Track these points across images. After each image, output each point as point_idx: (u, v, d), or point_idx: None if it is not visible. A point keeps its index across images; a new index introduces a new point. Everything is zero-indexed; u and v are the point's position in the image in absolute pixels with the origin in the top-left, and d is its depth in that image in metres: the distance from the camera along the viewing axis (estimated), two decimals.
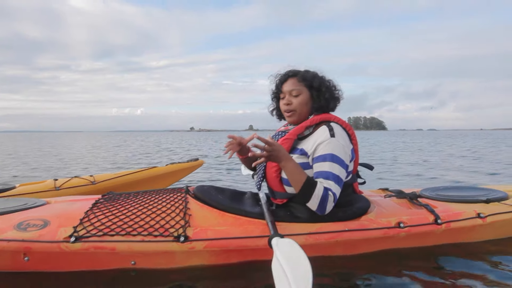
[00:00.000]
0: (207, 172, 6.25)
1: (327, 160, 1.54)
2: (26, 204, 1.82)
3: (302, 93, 1.66)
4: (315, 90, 1.67)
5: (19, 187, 2.76)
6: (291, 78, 1.70)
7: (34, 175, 6.10)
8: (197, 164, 3.44)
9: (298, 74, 1.70)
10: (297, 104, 1.66)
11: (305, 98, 1.67)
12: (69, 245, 1.51)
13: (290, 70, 1.73)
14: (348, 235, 1.65)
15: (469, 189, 2.22)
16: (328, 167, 1.54)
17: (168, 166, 3.29)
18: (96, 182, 2.90)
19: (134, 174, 3.09)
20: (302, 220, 1.66)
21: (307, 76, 1.68)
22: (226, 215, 1.68)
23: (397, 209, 1.86)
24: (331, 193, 1.50)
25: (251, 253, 1.61)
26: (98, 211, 1.68)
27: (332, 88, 1.72)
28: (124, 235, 1.55)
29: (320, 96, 1.67)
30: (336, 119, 1.67)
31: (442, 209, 1.85)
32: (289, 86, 1.68)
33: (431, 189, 2.19)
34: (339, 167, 1.54)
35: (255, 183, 1.78)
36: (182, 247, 1.55)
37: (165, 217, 1.64)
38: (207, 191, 1.83)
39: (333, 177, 1.53)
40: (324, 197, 1.49)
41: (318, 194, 1.49)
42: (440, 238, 1.79)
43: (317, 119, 1.66)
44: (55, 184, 2.77)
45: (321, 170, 1.55)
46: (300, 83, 1.67)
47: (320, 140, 1.58)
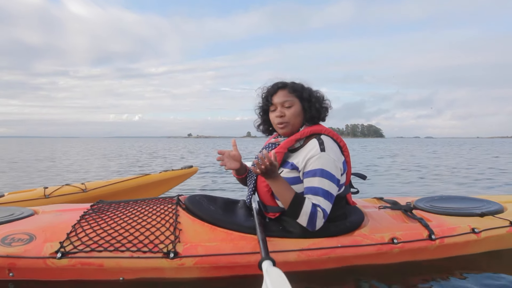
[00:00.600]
0: (202, 179, 6.21)
1: (316, 175, 1.52)
2: (12, 215, 1.77)
3: (294, 105, 1.64)
4: (306, 101, 1.66)
5: (7, 195, 2.71)
6: (281, 89, 1.67)
7: (26, 181, 6.02)
8: (192, 172, 3.39)
9: (287, 85, 1.67)
10: (290, 115, 1.64)
11: (297, 109, 1.65)
12: (55, 261, 1.48)
13: (279, 82, 1.70)
14: (341, 251, 1.63)
15: (464, 200, 2.20)
16: (318, 182, 1.51)
17: (162, 174, 3.24)
18: (87, 190, 2.85)
19: (126, 182, 3.04)
20: (294, 235, 1.63)
21: (297, 87, 1.67)
22: (217, 229, 1.64)
23: (391, 223, 1.84)
24: (320, 209, 1.48)
25: (242, 269, 1.58)
26: (86, 225, 1.63)
27: (321, 98, 1.71)
28: (112, 251, 1.51)
29: (311, 106, 1.66)
30: (326, 131, 1.65)
31: (437, 223, 1.82)
32: (281, 98, 1.65)
33: (426, 200, 2.17)
34: (329, 182, 1.52)
35: (246, 196, 1.76)
36: (172, 264, 1.51)
37: (154, 232, 1.60)
38: (199, 202, 1.79)
39: (323, 192, 1.50)
40: (313, 213, 1.47)
41: (307, 211, 1.47)
42: (433, 253, 1.77)
43: (308, 131, 1.64)
44: (45, 192, 2.72)
45: (310, 185, 1.53)
46: (291, 94, 1.65)
47: (311, 155, 1.56)
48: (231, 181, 5.62)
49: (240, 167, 1.73)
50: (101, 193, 2.89)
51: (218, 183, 5.74)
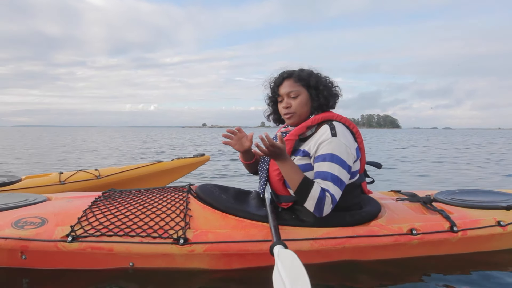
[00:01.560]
0: (214, 168, 6.21)
1: (326, 160, 1.48)
2: (26, 200, 1.78)
3: (300, 94, 1.60)
4: (313, 89, 1.61)
5: (24, 179, 2.76)
6: (287, 79, 1.63)
7: (46, 166, 6.18)
8: (204, 160, 3.37)
9: (293, 74, 1.63)
10: (297, 105, 1.60)
11: (304, 99, 1.60)
12: (66, 244, 1.47)
13: (284, 71, 1.66)
14: (356, 241, 1.56)
15: (487, 193, 2.08)
16: (327, 167, 1.47)
17: (174, 161, 3.23)
18: (101, 177, 2.87)
19: (139, 169, 3.05)
20: (307, 224, 1.58)
21: (303, 76, 1.62)
22: (229, 217, 1.61)
23: (409, 214, 1.76)
24: (328, 194, 1.43)
25: (253, 258, 1.54)
26: (97, 210, 1.63)
27: (330, 85, 1.65)
28: (122, 236, 1.50)
29: (319, 94, 1.61)
30: (338, 117, 1.60)
31: (458, 216, 1.73)
32: (286, 88, 1.61)
33: (446, 193, 2.06)
34: (339, 168, 1.47)
35: (258, 187, 1.71)
36: (182, 250, 1.49)
37: (164, 218, 1.58)
38: (210, 190, 1.76)
39: (332, 177, 1.45)
40: (321, 198, 1.42)
41: (314, 195, 1.42)
42: (455, 246, 1.68)
43: (319, 118, 1.59)
44: (60, 178, 2.76)
45: (319, 170, 1.48)
46: (297, 83, 1.61)
47: (322, 140, 1.52)
48: (243, 172, 5.59)
49: (247, 151, 1.71)
50: (114, 180, 2.91)
51: (230, 173, 5.73)
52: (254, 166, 1.81)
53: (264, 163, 1.70)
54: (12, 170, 5.81)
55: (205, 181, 4.74)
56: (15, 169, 6.01)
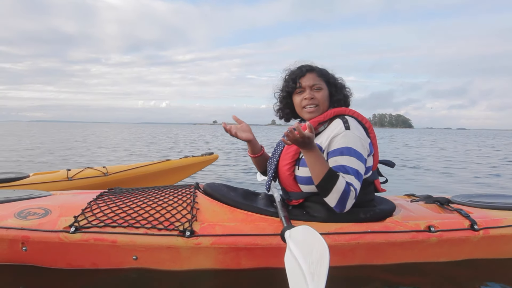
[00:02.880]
0: (222, 167, 6.15)
1: (344, 154, 1.42)
2: (31, 195, 1.76)
3: (323, 88, 1.59)
4: (332, 86, 1.62)
5: (32, 176, 2.75)
6: (310, 72, 1.61)
7: (59, 162, 6.25)
8: (212, 158, 3.33)
9: (315, 69, 1.63)
10: (320, 98, 1.57)
11: (326, 94, 1.59)
12: (69, 235, 1.43)
13: (306, 65, 1.64)
14: (371, 237, 1.48)
15: (506, 197, 1.97)
16: (346, 161, 1.41)
17: (182, 160, 3.20)
18: (108, 174, 2.84)
19: (147, 167, 3.02)
20: (319, 219, 1.51)
21: (323, 72, 1.63)
22: (237, 211, 1.55)
23: (426, 212, 1.67)
24: (353, 188, 1.37)
25: (262, 253, 1.47)
26: (102, 202, 1.59)
27: (343, 86, 1.67)
28: (126, 227, 1.45)
29: (337, 91, 1.62)
30: (351, 112, 1.57)
31: (479, 215, 1.64)
32: (310, 81, 1.58)
33: (463, 196, 1.96)
34: (358, 161, 1.42)
35: (265, 183, 1.65)
36: (188, 243, 1.43)
37: (171, 210, 1.53)
38: (218, 187, 1.73)
39: (353, 171, 1.40)
40: (346, 191, 1.35)
41: (340, 188, 1.35)
42: (477, 247, 1.58)
43: (331, 113, 1.56)
44: (67, 174, 2.74)
45: (338, 164, 1.42)
46: (319, 77, 1.60)
47: (335, 133, 1.47)
48: (253, 171, 5.52)
49: (252, 140, 1.68)
50: (122, 177, 2.88)
51: (239, 172, 5.66)
52: (262, 161, 1.77)
53: (273, 158, 1.65)
54: (29, 165, 5.88)
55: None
56: (33, 164, 6.08)
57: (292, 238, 1.06)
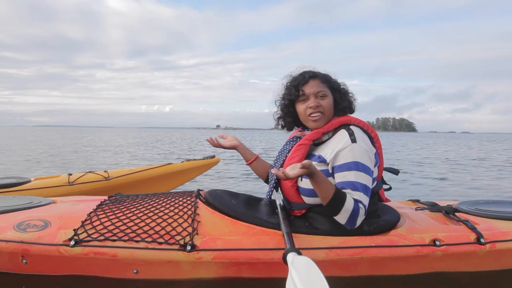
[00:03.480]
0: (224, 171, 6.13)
1: (352, 169, 1.38)
2: (30, 203, 1.74)
3: (328, 95, 1.53)
4: (337, 92, 1.56)
5: (34, 181, 2.74)
6: (313, 79, 1.54)
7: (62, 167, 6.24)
8: (214, 162, 3.31)
9: (318, 75, 1.56)
10: (326, 105, 1.51)
11: (331, 101, 1.54)
12: (68, 249, 1.41)
13: (309, 71, 1.58)
14: (375, 251, 1.46)
15: None
16: (354, 177, 1.37)
17: (184, 163, 3.18)
18: (110, 178, 2.82)
19: (149, 171, 3.00)
20: (322, 232, 1.48)
21: (328, 78, 1.57)
22: (238, 223, 1.52)
23: (431, 224, 1.64)
24: (362, 206, 1.34)
25: (264, 267, 1.45)
26: (102, 214, 1.56)
27: (347, 91, 1.61)
28: (127, 241, 1.43)
29: (342, 97, 1.56)
30: (356, 121, 1.52)
31: (485, 227, 1.60)
32: (315, 88, 1.52)
33: (469, 203, 1.92)
34: (365, 176, 1.39)
35: (266, 193, 1.62)
36: (189, 257, 1.41)
37: (171, 223, 1.51)
38: (220, 195, 1.69)
39: (362, 187, 1.37)
40: (355, 211, 1.33)
41: (348, 208, 1.32)
42: (483, 261, 1.55)
43: (336, 123, 1.51)
44: (69, 179, 2.72)
45: (346, 180, 1.38)
46: (323, 84, 1.54)
47: (341, 147, 1.42)
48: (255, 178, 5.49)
49: (239, 146, 1.75)
50: (123, 181, 2.86)
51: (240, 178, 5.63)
52: (259, 168, 1.78)
53: (275, 167, 1.61)
54: (34, 169, 5.88)
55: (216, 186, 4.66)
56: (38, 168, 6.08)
57: (294, 266, 1.03)
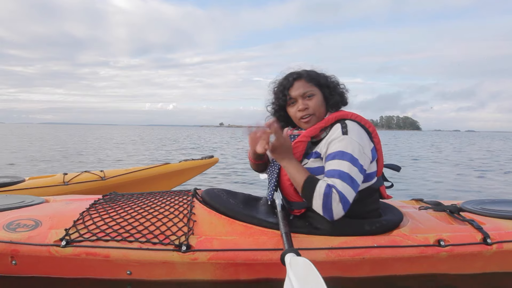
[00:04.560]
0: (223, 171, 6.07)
1: (335, 158, 1.34)
2: (22, 202, 1.69)
3: (315, 94, 1.48)
4: (325, 87, 1.51)
5: (28, 180, 2.69)
6: (298, 80, 1.50)
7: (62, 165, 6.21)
8: (212, 162, 3.26)
9: (303, 75, 1.51)
10: (314, 106, 1.47)
11: (320, 99, 1.49)
12: (59, 249, 1.36)
13: (293, 72, 1.53)
14: (377, 252, 1.40)
15: None
16: (336, 165, 1.33)
17: (182, 163, 3.13)
18: (105, 178, 2.77)
19: (146, 171, 2.95)
20: (322, 232, 1.43)
21: (313, 75, 1.51)
22: (236, 223, 1.47)
23: (435, 223, 1.59)
24: (335, 190, 1.27)
25: (262, 268, 1.40)
26: (95, 213, 1.51)
27: (336, 84, 1.56)
28: (120, 241, 1.38)
29: (332, 92, 1.51)
30: (353, 116, 1.47)
31: (491, 227, 1.55)
32: (300, 89, 1.48)
33: (474, 202, 1.87)
34: (349, 164, 1.32)
35: (267, 193, 1.57)
36: (184, 258, 1.36)
37: (166, 223, 1.45)
38: (217, 194, 1.64)
39: (340, 174, 1.31)
40: (327, 195, 1.27)
41: (320, 191, 1.28)
42: (490, 261, 1.50)
43: (332, 118, 1.47)
44: (64, 179, 2.67)
45: (328, 169, 1.35)
46: (309, 83, 1.49)
47: (332, 138, 1.39)
48: (254, 176, 5.44)
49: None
50: (119, 181, 2.81)
51: (240, 177, 5.58)
52: (262, 166, 1.69)
53: (274, 167, 1.56)
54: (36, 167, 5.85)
55: (215, 185, 4.61)
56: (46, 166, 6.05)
57: (292, 267, 0.98)
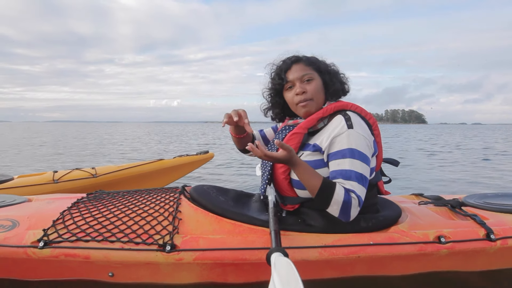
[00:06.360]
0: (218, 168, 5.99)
1: (346, 156, 1.26)
2: (3, 202, 1.62)
3: (314, 78, 1.41)
4: (325, 73, 1.43)
5: (17, 179, 2.62)
6: (296, 63, 1.43)
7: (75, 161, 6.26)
8: (207, 157, 3.18)
9: (302, 58, 1.45)
10: (313, 90, 1.39)
11: (318, 84, 1.41)
12: (37, 251, 1.29)
13: (291, 56, 1.46)
14: (373, 250, 1.33)
15: None
16: (349, 164, 1.25)
17: (176, 159, 3.05)
18: (97, 175, 2.70)
19: (139, 167, 2.88)
20: (315, 229, 1.36)
21: (312, 60, 1.44)
22: (224, 220, 1.39)
23: (436, 219, 1.51)
24: (354, 195, 1.22)
25: (251, 268, 1.32)
26: (76, 212, 1.44)
27: (337, 72, 1.49)
28: (101, 241, 1.30)
29: (332, 79, 1.43)
30: (353, 107, 1.39)
31: (495, 222, 1.47)
32: (298, 72, 1.41)
33: (476, 196, 1.79)
34: (362, 164, 1.26)
35: (260, 187, 1.49)
36: (168, 258, 1.28)
37: (150, 221, 1.38)
38: (206, 191, 1.57)
39: (356, 176, 1.24)
40: (346, 202, 1.21)
41: (338, 199, 1.21)
42: (493, 258, 1.42)
43: (331, 108, 1.38)
44: (53, 177, 2.61)
45: (340, 168, 1.27)
46: (308, 67, 1.42)
47: (336, 133, 1.31)
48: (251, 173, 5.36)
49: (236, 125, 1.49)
50: (111, 178, 2.74)
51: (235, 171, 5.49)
52: (244, 140, 1.59)
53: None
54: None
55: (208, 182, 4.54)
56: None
57: (276, 268, 0.91)
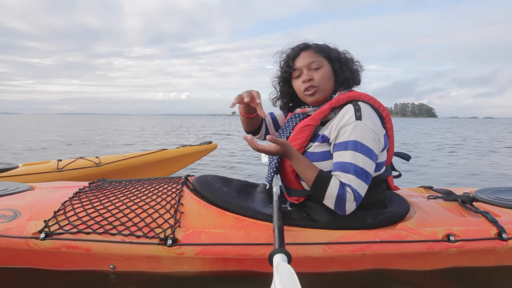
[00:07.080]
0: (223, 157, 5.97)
1: (348, 148, 1.22)
2: (5, 190, 1.61)
3: (323, 66, 1.35)
4: (335, 61, 1.37)
5: (21, 166, 2.63)
6: (305, 51, 1.38)
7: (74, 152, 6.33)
8: (211, 148, 3.16)
9: (311, 45, 1.39)
10: (320, 78, 1.34)
11: (327, 71, 1.35)
12: (38, 242, 1.27)
13: (300, 43, 1.41)
14: (380, 247, 1.29)
15: None
16: (350, 157, 1.22)
17: (179, 149, 3.03)
18: (101, 164, 2.69)
19: (142, 157, 2.86)
20: (320, 225, 1.32)
21: (322, 47, 1.39)
22: (227, 214, 1.36)
23: (445, 216, 1.46)
24: (350, 190, 1.19)
25: (254, 264, 1.30)
26: (77, 203, 1.42)
27: (350, 60, 1.42)
28: (102, 234, 1.29)
29: (343, 67, 1.37)
30: (366, 98, 1.33)
31: (508, 220, 1.42)
32: (306, 59, 1.36)
33: (489, 191, 1.73)
34: (364, 158, 1.22)
35: (266, 177, 1.46)
36: (169, 252, 1.26)
37: (152, 214, 1.36)
38: (209, 182, 1.53)
39: (355, 170, 1.20)
40: (340, 196, 1.18)
41: (332, 193, 1.19)
42: (505, 258, 1.37)
43: (344, 98, 1.32)
44: (58, 165, 2.60)
45: (340, 160, 1.23)
46: (317, 54, 1.36)
47: (343, 123, 1.26)
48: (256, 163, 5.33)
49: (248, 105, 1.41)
50: (115, 167, 2.73)
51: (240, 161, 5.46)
52: (253, 121, 1.53)
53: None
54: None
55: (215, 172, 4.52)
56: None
57: (278, 272, 0.88)
